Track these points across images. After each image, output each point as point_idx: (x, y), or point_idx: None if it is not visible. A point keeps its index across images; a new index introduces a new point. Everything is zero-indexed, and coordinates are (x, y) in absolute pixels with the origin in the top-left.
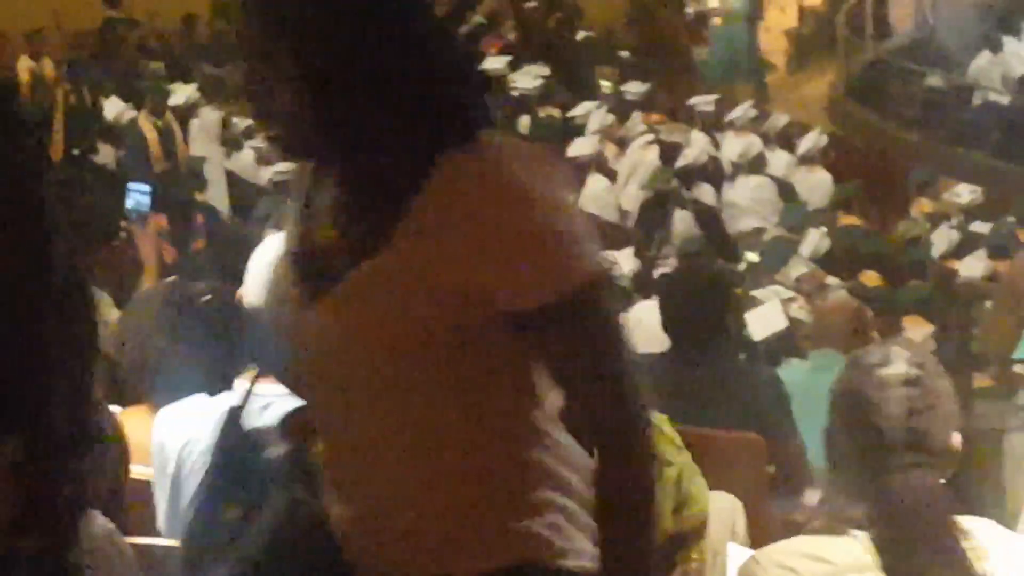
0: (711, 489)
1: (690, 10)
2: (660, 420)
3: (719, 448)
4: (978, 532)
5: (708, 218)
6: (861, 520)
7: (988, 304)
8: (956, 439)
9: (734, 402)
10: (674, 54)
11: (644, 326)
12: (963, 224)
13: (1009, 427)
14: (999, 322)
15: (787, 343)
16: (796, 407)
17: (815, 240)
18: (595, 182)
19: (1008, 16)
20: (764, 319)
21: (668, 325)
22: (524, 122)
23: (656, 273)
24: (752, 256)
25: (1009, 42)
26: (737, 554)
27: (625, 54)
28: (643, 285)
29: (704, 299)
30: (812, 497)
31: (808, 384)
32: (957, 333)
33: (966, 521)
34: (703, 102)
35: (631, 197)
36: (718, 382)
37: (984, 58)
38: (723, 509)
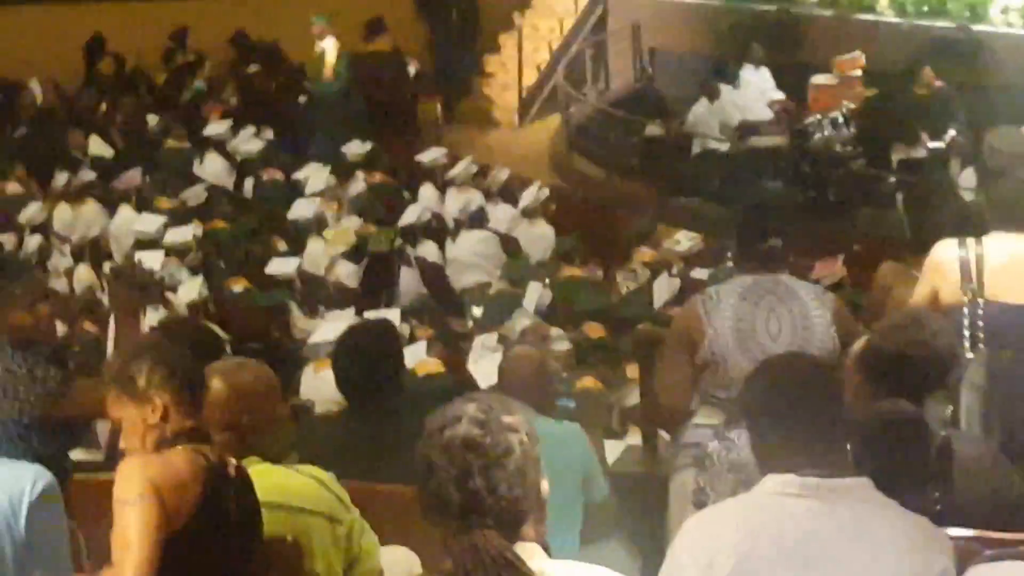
0: (389, 543)
1: (412, 69)
2: (327, 480)
3: (395, 503)
4: None
5: (432, 275)
6: (455, 574)
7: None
8: (541, 489)
9: (407, 456)
10: (396, 113)
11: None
12: (683, 271)
13: (675, 467)
14: (669, 368)
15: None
16: None
17: (537, 293)
18: (314, 245)
19: (723, 65)
20: (486, 369)
21: (341, 384)
22: (247, 185)
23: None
24: (476, 311)
25: (725, 90)
26: None
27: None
28: None
29: (375, 357)
30: None
31: None
32: (641, 382)
33: (566, 569)
34: (433, 156)
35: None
36: (391, 437)
37: (702, 106)
38: (398, 562)
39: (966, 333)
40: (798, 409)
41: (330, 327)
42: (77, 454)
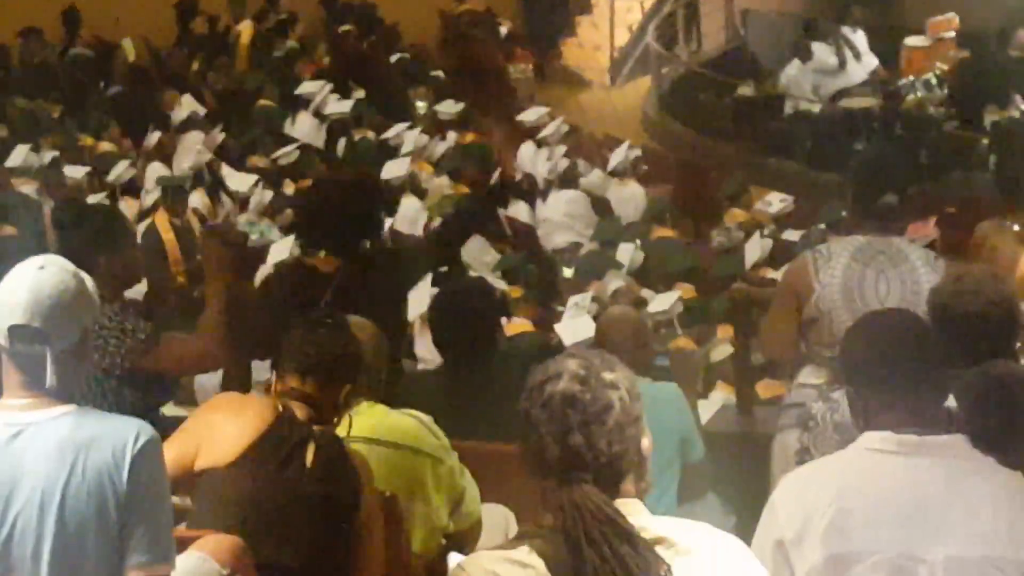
0: (485, 501)
1: (503, 30)
2: (428, 421)
3: (491, 461)
4: (681, 535)
5: (523, 235)
6: (555, 529)
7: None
8: (642, 446)
9: (505, 415)
10: (488, 74)
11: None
12: (775, 233)
13: (779, 427)
14: (775, 323)
15: None
16: None
17: (629, 253)
18: (409, 203)
19: (815, 24)
20: (573, 328)
21: (439, 342)
22: (340, 145)
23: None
24: (568, 271)
25: (819, 49)
26: None
27: (439, 74)
28: None
29: (472, 316)
30: None
31: None
32: (738, 342)
33: (667, 524)
34: (535, 115)
35: None
36: (489, 396)
37: (794, 67)
38: (496, 520)
39: None
40: (899, 364)
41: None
42: (170, 409)
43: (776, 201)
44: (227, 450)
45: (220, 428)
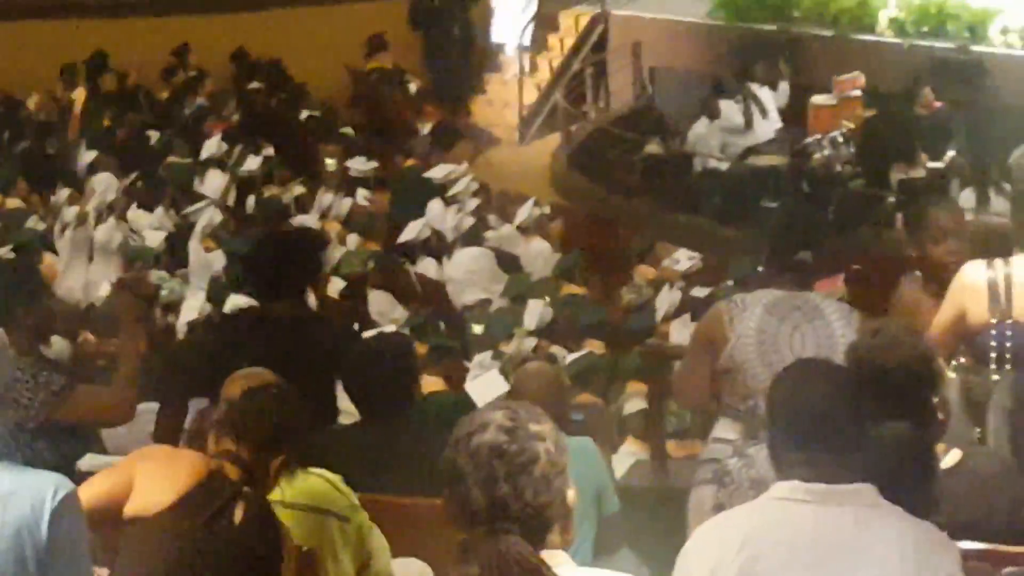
0: (403, 555)
1: (413, 87)
2: (336, 480)
3: (409, 515)
4: None
5: (432, 292)
6: None
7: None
8: (567, 497)
9: (422, 470)
10: (397, 131)
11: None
12: (685, 289)
13: (694, 482)
14: (688, 372)
15: None
16: None
17: (537, 310)
18: None
19: (723, 83)
20: (484, 386)
21: (356, 396)
22: (249, 202)
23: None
24: (477, 328)
25: (727, 107)
26: None
27: (349, 131)
28: None
29: (388, 371)
30: None
31: None
32: (652, 395)
33: (589, 574)
34: (444, 172)
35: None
36: (405, 450)
37: (702, 125)
38: (412, 574)
39: (993, 355)
40: (817, 413)
41: None
42: (86, 461)
43: (684, 258)
44: (157, 499)
45: (152, 477)
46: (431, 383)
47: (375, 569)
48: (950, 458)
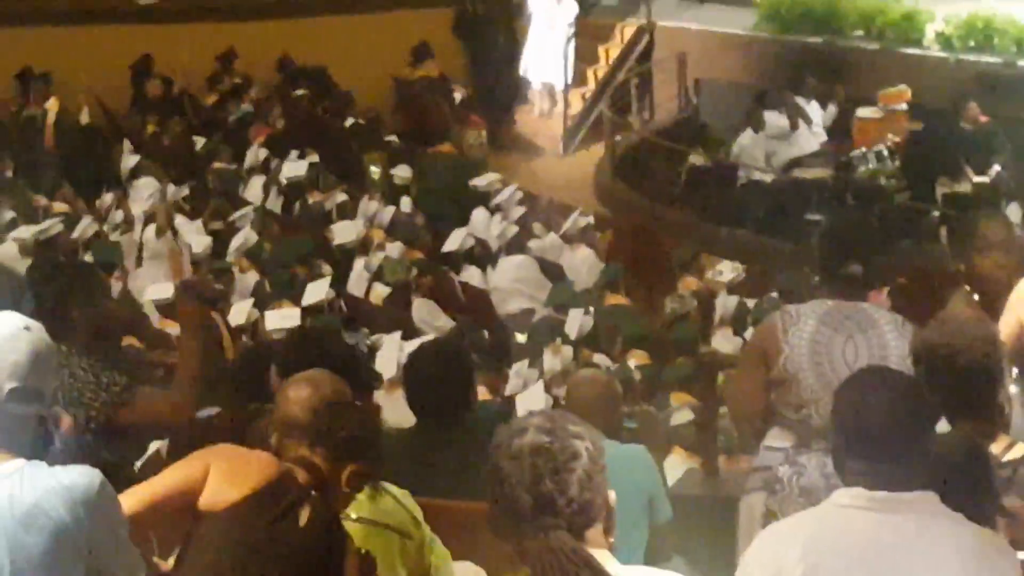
0: (457, 559)
1: (458, 96)
2: (401, 495)
3: (463, 519)
4: None
5: (476, 300)
6: None
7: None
8: (608, 497)
9: (477, 473)
10: (441, 138)
11: (395, 404)
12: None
13: (745, 489)
14: (742, 385)
15: None
16: None
17: (577, 320)
18: (362, 267)
19: (768, 95)
20: (527, 398)
21: (413, 401)
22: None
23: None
24: (520, 337)
25: (771, 118)
26: None
27: (393, 139)
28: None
29: (447, 376)
30: None
31: None
32: (704, 405)
33: (638, 572)
34: (488, 180)
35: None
36: (463, 455)
37: (747, 136)
38: None
39: None
40: (882, 422)
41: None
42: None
43: (728, 269)
44: (228, 495)
45: (224, 473)
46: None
47: None
48: (1016, 451)
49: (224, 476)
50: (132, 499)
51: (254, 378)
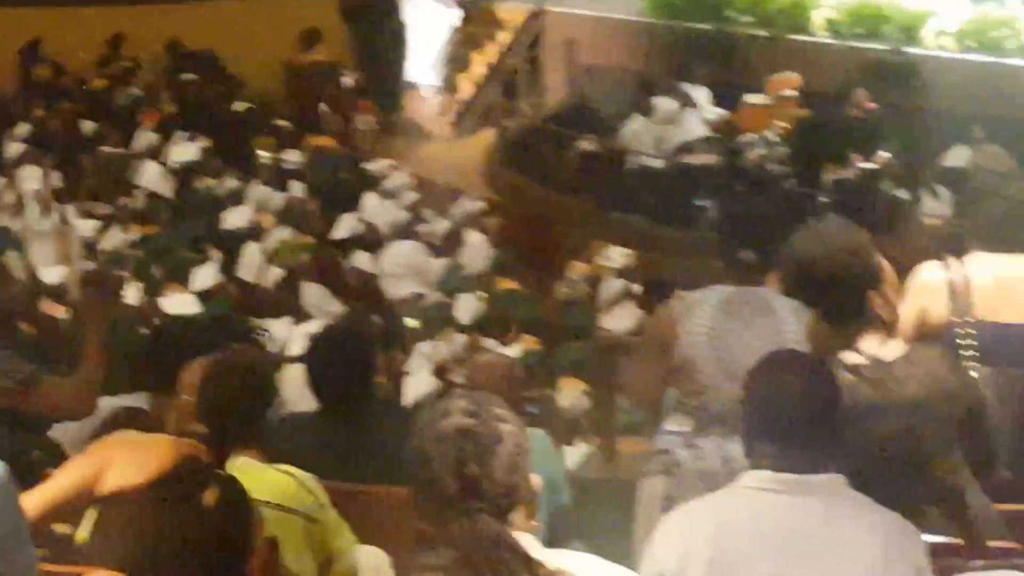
0: (361, 543)
1: (348, 81)
2: (305, 479)
3: (367, 503)
4: (574, 565)
5: (366, 285)
6: (456, 561)
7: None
8: (531, 480)
9: (382, 458)
10: (332, 124)
11: (295, 387)
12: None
13: (643, 473)
14: (641, 372)
15: None
16: None
17: (470, 304)
18: (252, 252)
19: (656, 81)
20: (414, 383)
21: (315, 385)
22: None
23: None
24: (411, 322)
25: (661, 103)
26: None
27: (284, 124)
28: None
29: (348, 358)
30: None
31: None
32: (602, 390)
33: (561, 556)
34: (380, 166)
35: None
36: (366, 438)
37: (637, 122)
38: (370, 562)
39: (961, 353)
40: (791, 404)
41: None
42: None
43: (618, 255)
44: (132, 479)
45: (125, 461)
46: None
47: (338, 567)
48: (890, 350)
49: (124, 464)
50: (29, 502)
51: (164, 364)
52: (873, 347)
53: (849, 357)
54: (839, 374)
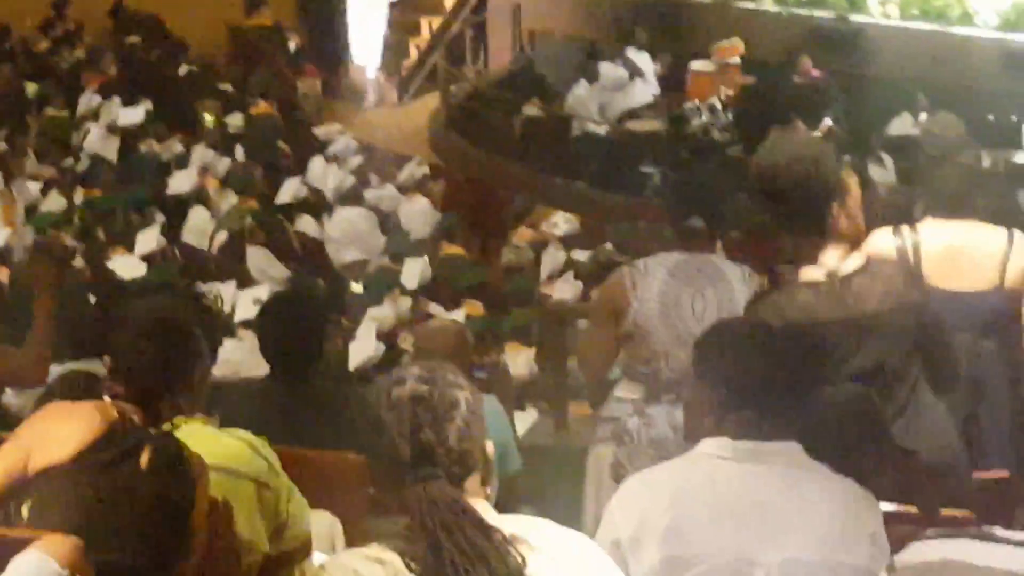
0: (313, 507)
1: (292, 45)
2: (258, 444)
3: (318, 468)
4: (529, 531)
5: (311, 250)
6: (410, 527)
7: (582, 324)
8: (486, 447)
9: (333, 423)
10: (276, 88)
11: (244, 351)
12: (565, 252)
13: (593, 440)
14: (593, 340)
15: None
16: None
17: (416, 270)
18: (197, 215)
19: (601, 47)
20: (359, 347)
21: (266, 349)
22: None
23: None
24: (356, 287)
25: (606, 68)
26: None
27: (227, 88)
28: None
29: (299, 323)
30: None
31: None
32: (553, 357)
33: (515, 521)
34: (329, 131)
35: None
36: (317, 404)
37: (581, 88)
38: (321, 527)
39: None
40: (746, 372)
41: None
42: None
43: (562, 222)
44: (59, 453)
45: (51, 433)
46: None
47: (291, 533)
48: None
49: (49, 440)
50: None
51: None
52: (833, 261)
53: (809, 272)
54: (798, 290)
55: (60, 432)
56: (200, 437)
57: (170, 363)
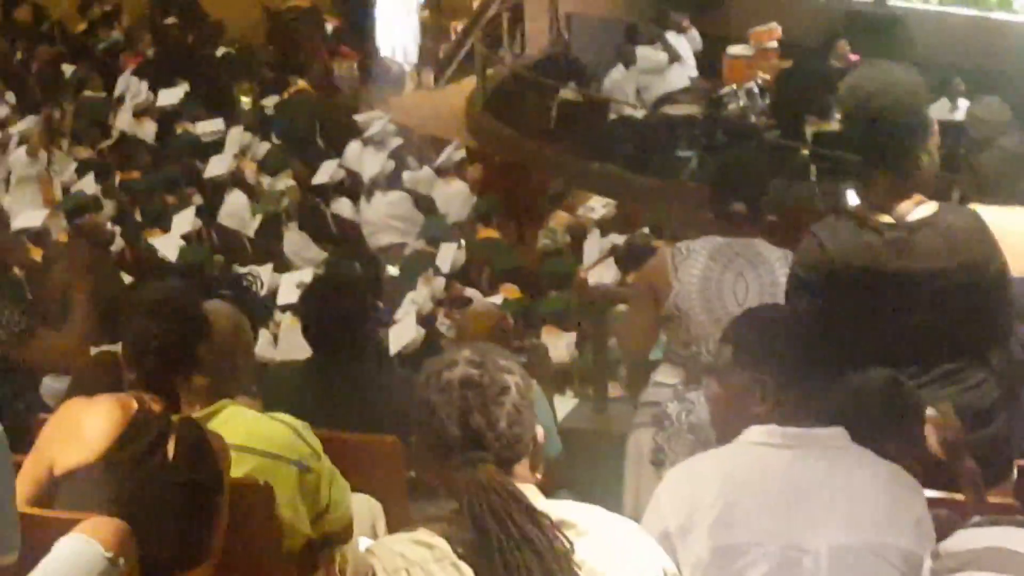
0: (354, 491)
1: (329, 27)
2: (300, 428)
3: (359, 451)
4: (577, 516)
5: (347, 232)
6: (458, 511)
7: (622, 308)
8: (536, 432)
9: (374, 407)
10: (313, 70)
11: (286, 334)
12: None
13: (633, 424)
14: (634, 322)
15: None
16: None
17: (451, 253)
18: (234, 198)
19: (639, 30)
20: (399, 331)
21: (308, 333)
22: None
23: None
24: (393, 270)
25: (643, 52)
26: None
27: (265, 71)
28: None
29: (342, 307)
30: None
31: None
32: (594, 341)
33: (564, 507)
34: (369, 116)
35: None
36: (358, 387)
37: (618, 72)
38: (362, 510)
39: None
40: (786, 358)
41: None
42: None
43: (599, 205)
44: (85, 454)
45: (73, 434)
46: None
47: (333, 516)
48: (922, 210)
49: (72, 440)
50: None
51: None
52: (907, 208)
53: (878, 216)
54: (864, 229)
55: (82, 432)
56: (243, 421)
57: (174, 343)
